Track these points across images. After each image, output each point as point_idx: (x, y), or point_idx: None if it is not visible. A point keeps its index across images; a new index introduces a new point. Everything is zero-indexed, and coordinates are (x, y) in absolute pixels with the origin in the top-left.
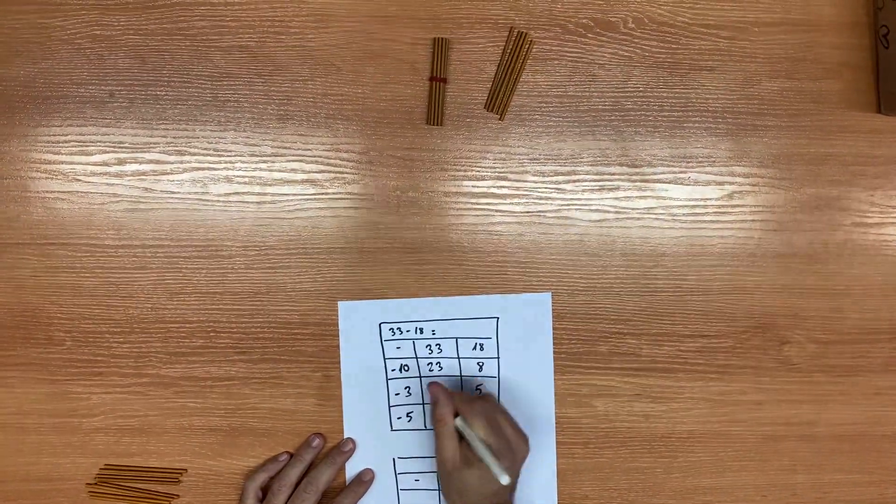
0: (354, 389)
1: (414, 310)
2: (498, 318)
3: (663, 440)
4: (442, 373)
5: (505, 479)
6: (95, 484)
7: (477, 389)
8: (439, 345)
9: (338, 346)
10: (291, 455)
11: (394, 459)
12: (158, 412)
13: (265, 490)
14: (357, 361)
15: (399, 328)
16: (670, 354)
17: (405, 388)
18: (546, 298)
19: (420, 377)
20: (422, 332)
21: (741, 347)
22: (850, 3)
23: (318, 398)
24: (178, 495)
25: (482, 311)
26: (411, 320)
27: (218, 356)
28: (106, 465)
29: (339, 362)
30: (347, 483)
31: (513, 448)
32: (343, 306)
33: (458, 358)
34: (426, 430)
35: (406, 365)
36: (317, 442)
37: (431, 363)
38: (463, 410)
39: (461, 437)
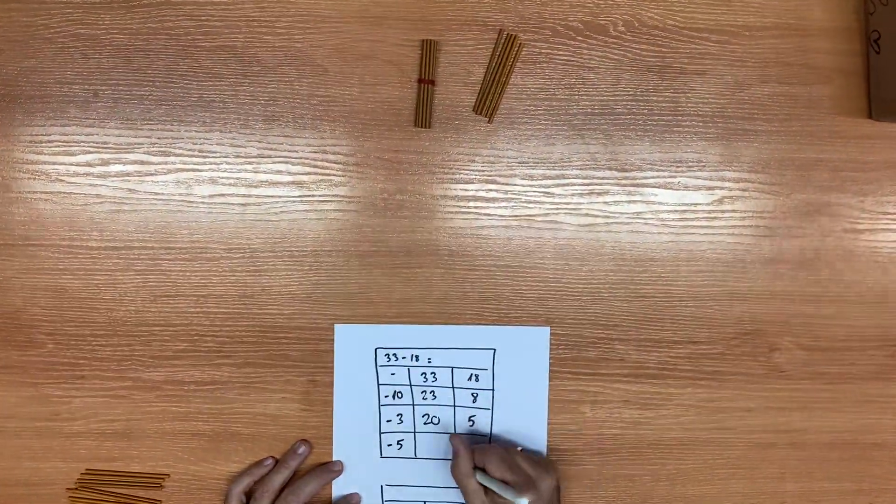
0: (346, 412)
1: (411, 336)
2: (495, 349)
3: (652, 447)
4: (435, 402)
5: (523, 502)
6: (76, 489)
7: (469, 420)
8: (434, 373)
9: (323, 351)
10: (276, 460)
11: (382, 486)
12: (141, 416)
13: (248, 495)
14: (350, 384)
15: (395, 354)
16: (659, 360)
17: (397, 415)
18: (544, 332)
19: (413, 405)
20: (417, 360)
21: (730, 354)
22: (841, 8)
23: (303, 403)
24: (160, 501)
25: (479, 342)
26: (408, 347)
27: (201, 360)
28: (87, 469)
29: (324, 367)
30: (333, 501)
31: (533, 479)
32: (339, 329)
33: (453, 387)
34: (416, 458)
35: (399, 392)
36: (302, 449)
37: (425, 391)
38: (479, 459)
39: (485, 489)
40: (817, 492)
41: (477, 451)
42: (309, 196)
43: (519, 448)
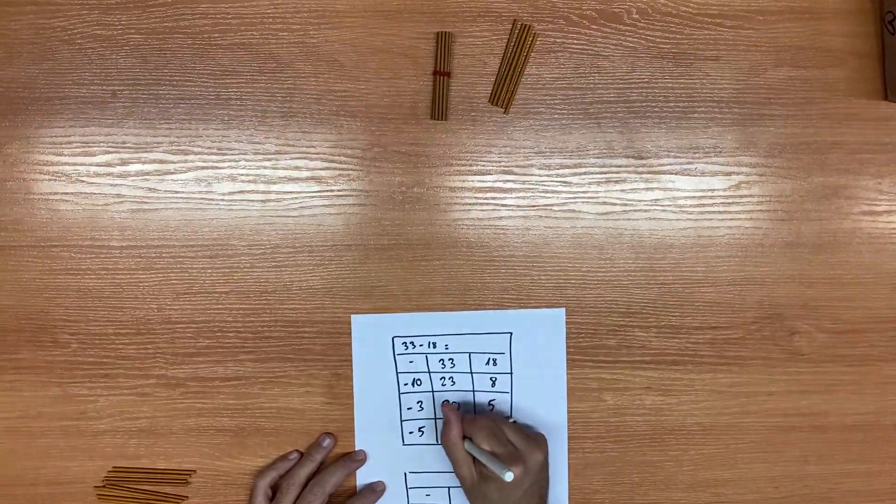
0: (367, 402)
1: (427, 324)
2: (511, 333)
3: (674, 433)
4: (454, 388)
5: (509, 476)
6: (104, 487)
7: (489, 405)
8: (452, 359)
9: (345, 344)
10: (301, 453)
11: (405, 474)
12: (166, 413)
13: (275, 488)
14: (370, 375)
15: (412, 342)
16: (679, 347)
17: (417, 402)
18: (560, 314)
19: (433, 392)
20: (435, 347)
21: (751, 338)
22: None
23: (326, 397)
24: (186, 496)
25: (496, 326)
26: (424, 334)
27: (225, 356)
28: (114, 467)
29: (347, 360)
30: (358, 490)
31: (521, 452)
32: (356, 320)
33: (471, 373)
34: (438, 444)
35: (419, 379)
36: (327, 442)
37: (444, 378)
38: (467, 429)
39: (474, 459)
40: (839, 474)
41: (466, 420)
42: (327, 191)
43: (511, 420)
